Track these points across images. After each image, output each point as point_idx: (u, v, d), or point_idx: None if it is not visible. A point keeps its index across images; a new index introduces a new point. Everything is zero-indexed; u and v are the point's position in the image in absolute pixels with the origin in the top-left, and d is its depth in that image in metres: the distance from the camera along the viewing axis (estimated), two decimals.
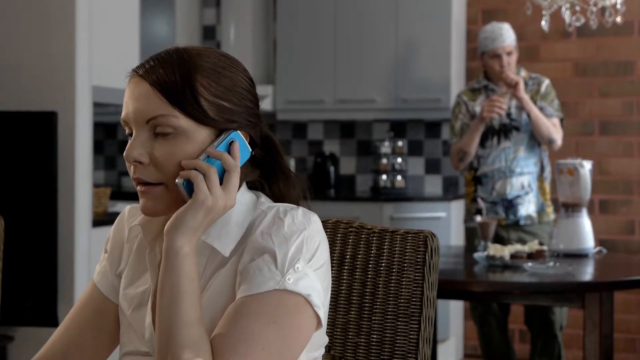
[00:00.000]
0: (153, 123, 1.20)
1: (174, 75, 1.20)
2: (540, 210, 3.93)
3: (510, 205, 3.90)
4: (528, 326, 3.97)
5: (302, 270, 1.18)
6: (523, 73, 3.98)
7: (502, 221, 3.88)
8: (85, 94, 3.44)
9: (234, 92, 1.24)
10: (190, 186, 1.19)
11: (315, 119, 5.45)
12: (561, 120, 3.95)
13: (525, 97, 3.80)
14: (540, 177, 3.94)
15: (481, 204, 3.78)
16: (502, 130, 3.89)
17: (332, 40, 5.20)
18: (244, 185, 1.29)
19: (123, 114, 1.23)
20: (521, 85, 3.78)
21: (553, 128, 3.86)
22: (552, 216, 3.94)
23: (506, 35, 3.93)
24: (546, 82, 3.97)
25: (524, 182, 3.89)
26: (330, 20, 5.21)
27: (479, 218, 3.49)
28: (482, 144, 3.92)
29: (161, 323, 1.15)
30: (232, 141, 1.23)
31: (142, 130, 1.21)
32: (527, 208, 3.90)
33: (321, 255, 1.22)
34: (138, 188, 1.23)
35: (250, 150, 1.26)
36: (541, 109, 3.87)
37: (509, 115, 3.89)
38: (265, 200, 1.28)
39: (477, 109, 3.95)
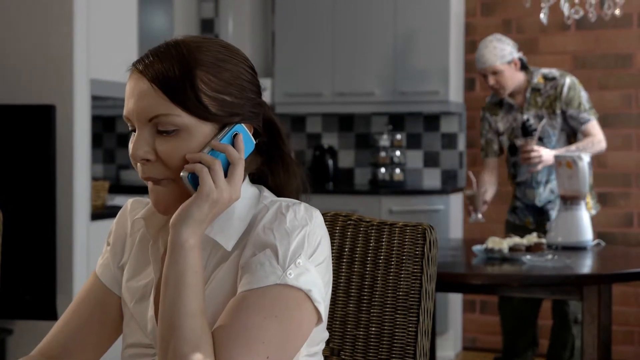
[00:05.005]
0: (155, 121, 1.20)
1: (174, 71, 1.19)
2: None
3: (540, 212, 3.94)
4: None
5: (303, 266, 1.18)
6: (536, 79, 3.86)
7: (529, 224, 3.96)
8: (83, 87, 3.43)
9: (236, 85, 1.23)
10: (195, 179, 1.19)
11: (314, 112, 5.45)
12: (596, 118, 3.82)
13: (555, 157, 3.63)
14: None
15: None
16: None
17: (331, 32, 5.19)
18: (247, 179, 1.29)
19: (125, 111, 1.23)
20: (545, 159, 3.67)
21: (592, 146, 3.74)
22: (593, 211, 3.84)
23: (488, 56, 3.83)
24: (567, 83, 3.80)
25: (552, 188, 3.89)
26: (328, 12, 5.20)
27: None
28: (514, 154, 3.93)
29: (164, 314, 1.15)
30: (236, 133, 1.23)
31: (145, 128, 1.21)
32: None
33: (322, 251, 1.22)
34: (149, 184, 1.23)
35: (254, 141, 1.26)
36: (572, 118, 3.79)
37: (529, 126, 3.72)
38: (268, 194, 1.28)
39: (500, 125, 3.97)
